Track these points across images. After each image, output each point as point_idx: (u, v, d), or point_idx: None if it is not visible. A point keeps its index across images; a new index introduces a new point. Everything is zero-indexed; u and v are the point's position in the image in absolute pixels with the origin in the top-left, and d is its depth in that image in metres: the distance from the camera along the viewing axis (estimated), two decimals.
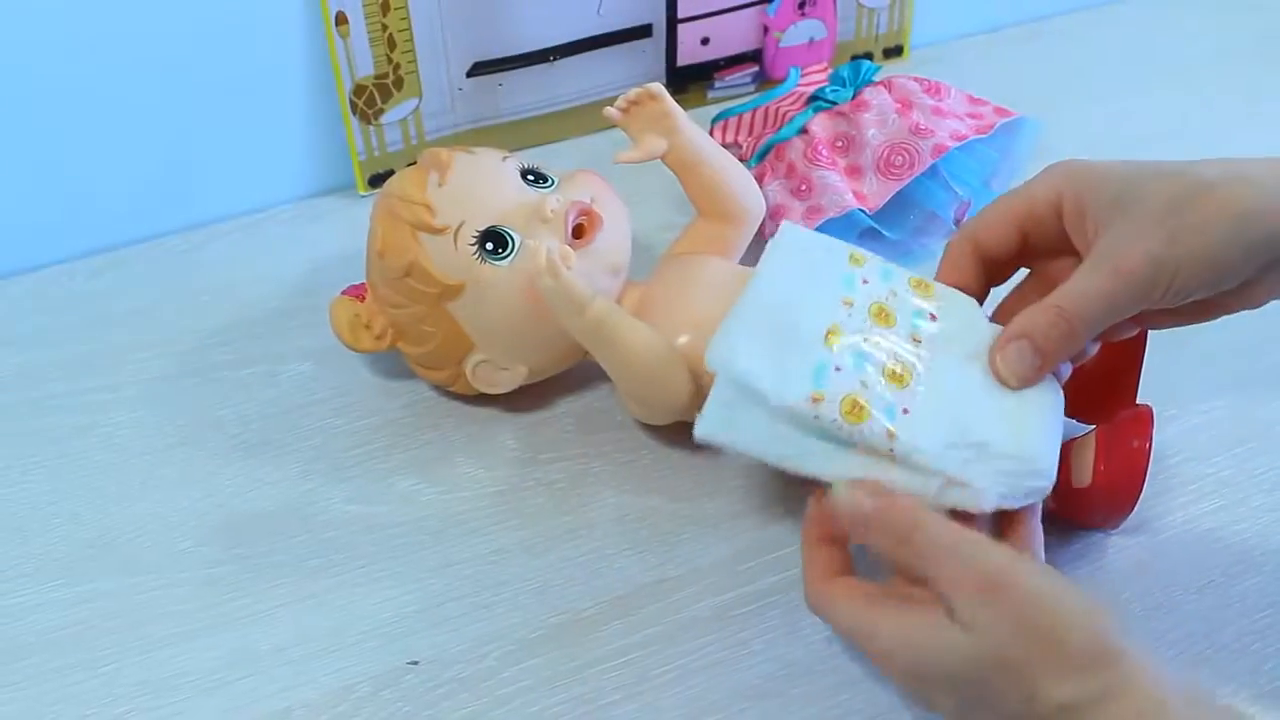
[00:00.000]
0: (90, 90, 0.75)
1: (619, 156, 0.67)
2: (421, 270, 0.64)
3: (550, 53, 0.84)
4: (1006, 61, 0.95)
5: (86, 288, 0.78)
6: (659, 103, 0.67)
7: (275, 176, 0.83)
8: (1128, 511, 0.59)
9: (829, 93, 0.78)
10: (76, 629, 0.60)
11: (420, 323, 0.65)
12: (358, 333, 0.67)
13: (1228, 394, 0.69)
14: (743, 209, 0.69)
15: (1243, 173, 0.52)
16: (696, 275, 0.66)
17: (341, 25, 0.77)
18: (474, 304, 0.64)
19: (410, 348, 0.67)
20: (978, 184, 0.78)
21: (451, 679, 0.58)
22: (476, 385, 0.67)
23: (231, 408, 0.70)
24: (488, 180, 0.65)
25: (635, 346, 0.61)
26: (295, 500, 0.65)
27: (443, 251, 0.63)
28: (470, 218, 0.63)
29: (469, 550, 0.63)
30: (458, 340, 0.65)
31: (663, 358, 0.61)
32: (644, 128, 0.67)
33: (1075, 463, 0.59)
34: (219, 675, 0.58)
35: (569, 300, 0.60)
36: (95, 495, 0.66)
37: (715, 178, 0.68)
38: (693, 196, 0.70)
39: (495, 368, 0.66)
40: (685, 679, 0.58)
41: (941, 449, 0.52)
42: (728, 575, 0.61)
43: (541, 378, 0.68)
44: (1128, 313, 0.53)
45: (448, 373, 0.67)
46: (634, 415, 0.66)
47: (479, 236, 0.63)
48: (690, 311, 0.64)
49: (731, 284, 0.64)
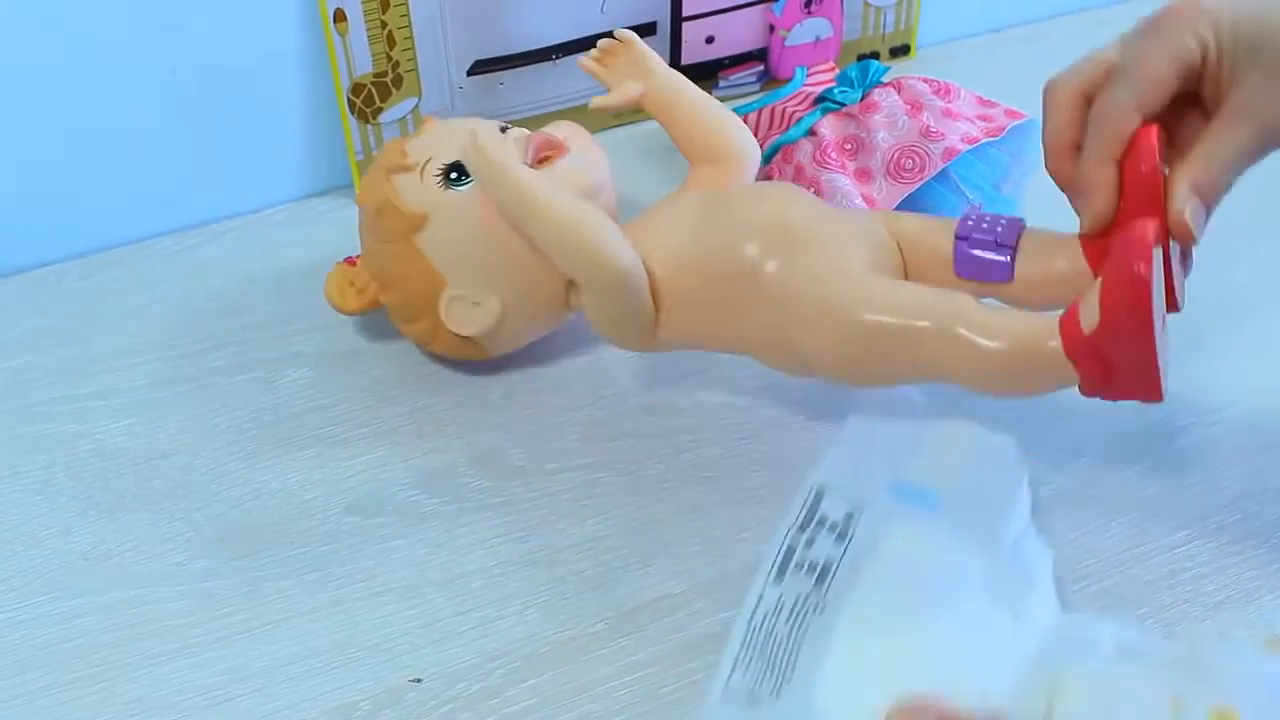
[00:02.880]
0: (82, 87, 0.73)
1: (594, 102, 0.68)
2: (390, 206, 0.65)
3: (553, 51, 0.82)
4: (1013, 61, 0.94)
5: (77, 289, 0.76)
6: (631, 47, 0.67)
7: (271, 176, 0.81)
8: (1150, 352, 0.51)
9: (837, 94, 0.77)
10: (70, 644, 0.58)
11: (394, 263, 0.66)
12: (345, 292, 0.69)
13: (1245, 401, 0.68)
14: (732, 145, 0.68)
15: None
16: (673, 203, 0.65)
17: (340, 22, 0.75)
18: (439, 233, 0.64)
19: (389, 297, 0.67)
20: (988, 188, 0.76)
21: (455, 697, 0.56)
22: (451, 325, 0.66)
23: (227, 415, 0.68)
24: (462, 125, 0.66)
25: (568, 215, 0.60)
26: (293, 511, 0.64)
27: (410, 186, 0.65)
28: (438, 154, 0.65)
29: (473, 563, 0.61)
30: (430, 278, 0.65)
31: (598, 226, 0.60)
32: (621, 77, 0.68)
33: (1085, 312, 0.52)
34: (217, 693, 0.56)
35: (491, 170, 0.60)
36: (87, 506, 0.64)
37: (696, 116, 0.68)
38: (678, 141, 0.69)
39: (468, 303, 0.65)
40: (695, 697, 0.56)
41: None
42: (736, 590, 0.59)
43: (522, 326, 0.67)
44: (1260, 158, 0.54)
45: (425, 322, 0.67)
46: (607, 337, 0.64)
47: (444, 169, 0.64)
48: (662, 232, 0.62)
49: (714, 198, 0.63)
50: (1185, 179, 0.53)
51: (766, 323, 0.59)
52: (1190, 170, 0.53)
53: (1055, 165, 0.58)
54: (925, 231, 0.61)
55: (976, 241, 0.59)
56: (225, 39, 0.75)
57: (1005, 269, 0.59)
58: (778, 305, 0.59)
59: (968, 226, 0.60)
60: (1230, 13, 0.53)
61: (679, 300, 0.61)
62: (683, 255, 0.61)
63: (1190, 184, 0.53)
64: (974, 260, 0.59)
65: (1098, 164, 0.55)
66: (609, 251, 0.60)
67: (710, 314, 0.61)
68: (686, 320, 0.62)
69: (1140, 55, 0.54)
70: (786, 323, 0.59)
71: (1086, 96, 0.56)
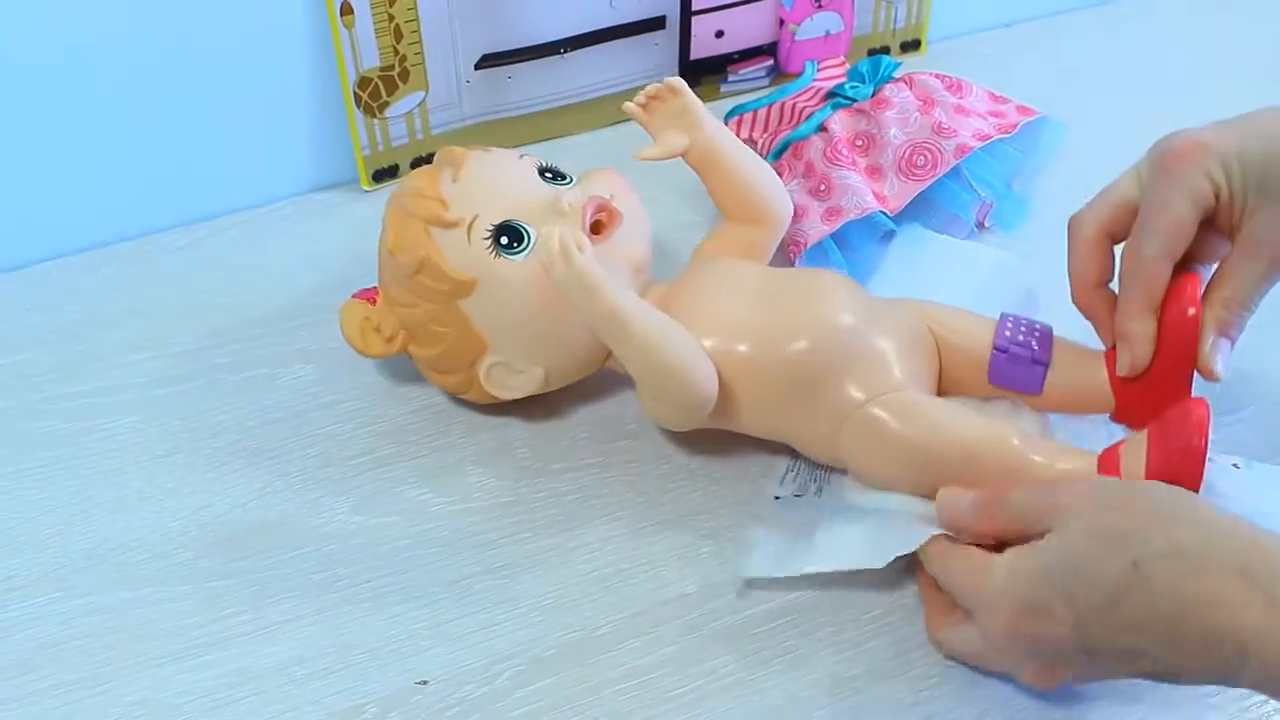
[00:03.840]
0: (86, 81, 0.72)
1: (639, 154, 0.65)
2: (433, 266, 0.61)
3: (561, 45, 0.81)
4: (1025, 56, 0.93)
5: (82, 284, 0.76)
6: (679, 97, 0.65)
7: (276, 171, 0.81)
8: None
9: (848, 89, 0.76)
10: (73, 645, 0.58)
11: (432, 322, 0.63)
12: (368, 336, 0.65)
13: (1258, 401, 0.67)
14: (770, 211, 0.67)
15: None
16: (724, 276, 0.64)
17: (346, 15, 0.74)
18: (488, 301, 0.62)
19: (422, 350, 0.65)
20: (1000, 185, 0.76)
21: (462, 699, 0.56)
22: (490, 389, 0.64)
23: (231, 413, 0.68)
24: (503, 175, 0.63)
25: (654, 336, 0.58)
26: (298, 511, 0.63)
27: (455, 246, 0.61)
28: (484, 211, 0.61)
29: (480, 564, 0.61)
30: (471, 341, 0.63)
31: (685, 349, 0.59)
32: (664, 124, 0.65)
33: (1127, 462, 0.56)
34: (221, 695, 0.56)
35: (582, 286, 0.57)
36: (90, 504, 0.63)
37: (739, 177, 0.66)
38: (716, 197, 0.67)
39: (510, 370, 0.64)
40: (704, 700, 0.56)
41: None
42: (746, 593, 0.60)
43: (559, 385, 0.65)
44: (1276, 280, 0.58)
45: (460, 377, 0.65)
46: (654, 418, 0.63)
47: (493, 230, 0.61)
48: (717, 314, 0.61)
49: (760, 285, 0.63)
50: (1212, 324, 0.57)
51: (820, 433, 0.60)
52: (1215, 313, 0.57)
53: (1083, 300, 0.60)
54: (962, 331, 0.62)
55: (1015, 357, 0.60)
56: (231, 32, 0.74)
57: (1038, 385, 0.60)
58: (836, 422, 0.59)
59: (1005, 338, 0.61)
60: (1236, 149, 0.55)
61: (734, 395, 0.61)
62: (745, 359, 0.60)
63: (1217, 329, 0.57)
64: (1010, 374, 0.61)
65: (1137, 316, 0.57)
66: (693, 380, 0.59)
67: (760, 412, 0.61)
68: (736, 412, 0.62)
69: (1160, 204, 0.56)
70: (839, 438, 0.60)
71: (1109, 234, 0.59)
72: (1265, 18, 0.96)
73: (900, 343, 0.61)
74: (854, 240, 0.73)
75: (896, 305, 0.63)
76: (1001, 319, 0.62)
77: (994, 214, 0.76)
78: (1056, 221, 0.61)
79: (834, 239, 0.72)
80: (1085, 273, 0.59)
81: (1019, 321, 0.61)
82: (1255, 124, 0.57)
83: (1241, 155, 0.55)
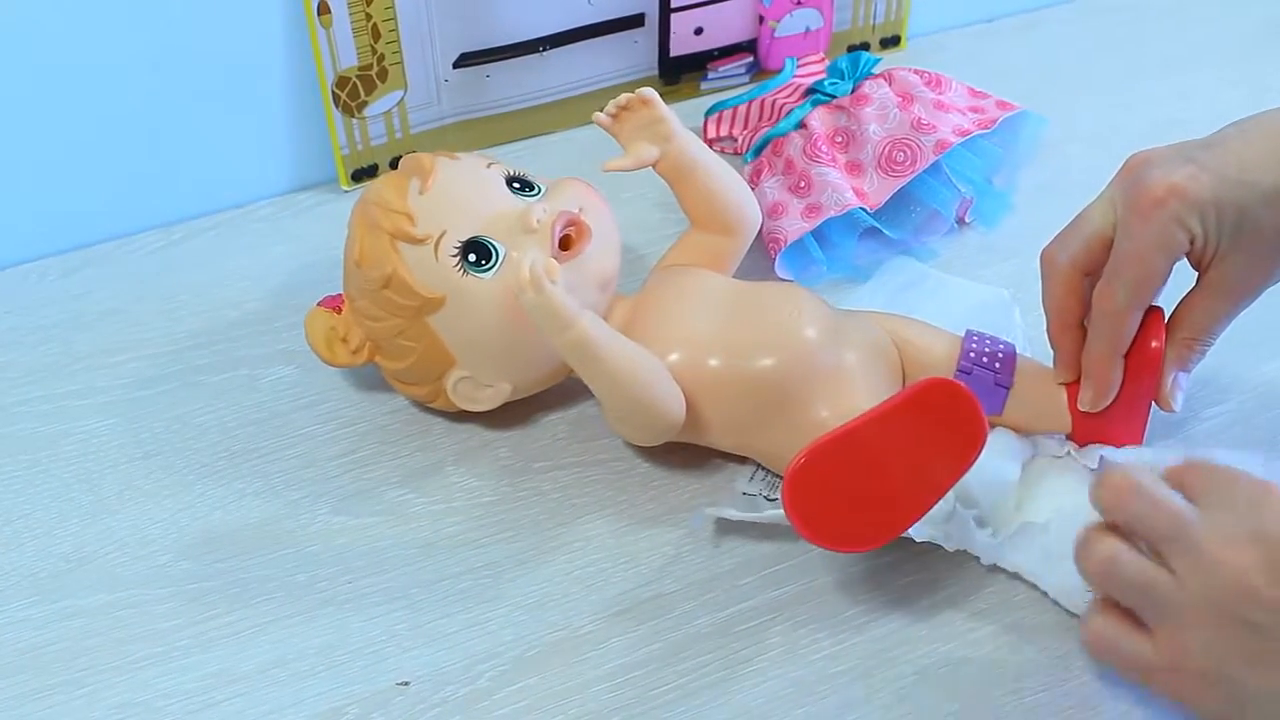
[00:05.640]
0: (62, 81, 0.72)
1: (608, 164, 0.64)
2: (401, 282, 0.61)
3: (540, 43, 0.81)
4: (1005, 51, 0.93)
5: (59, 287, 0.75)
6: (651, 108, 0.64)
7: (255, 171, 0.80)
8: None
9: (828, 86, 0.76)
10: (53, 649, 0.58)
11: (399, 336, 0.63)
12: (334, 347, 0.65)
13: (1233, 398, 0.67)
14: (739, 220, 0.67)
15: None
16: (689, 289, 0.64)
17: (324, 15, 0.74)
18: (455, 317, 0.61)
19: (388, 363, 0.65)
20: (981, 181, 0.76)
21: (444, 700, 0.56)
22: (457, 402, 0.64)
23: (211, 414, 0.67)
24: (471, 187, 0.63)
25: (623, 366, 0.58)
26: (279, 512, 0.63)
27: (423, 262, 0.61)
28: (452, 227, 0.61)
29: (461, 564, 0.61)
30: (438, 355, 0.63)
31: (652, 378, 0.59)
32: (634, 134, 0.65)
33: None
34: (202, 697, 0.56)
35: (553, 317, 0.56)
36: (69, 507, 0.63)
37: (710, 187, 0.66)
38: (686, 206, 0.67)
39: (477, 384, 0.63)
40: (687, 699, 0.56)
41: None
42: (728, 590, 0.60)
43: (526, 395, 0.65)
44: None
45: (427, 389, 0.65)
46: (619, 435, 0.64)
47: (461, 247, 0.61)
48: (683, 327, 0.61)
49: (726, 299, 0.63)
50: (1174, 361, 0.59)
51: (789, 448, 0.58)
52: (1178, 351, 0.59)
53: (1059, 338, 0.61)
54: (925, 347, 0.63)
55: (978, 379, 0.61)
56: (208, 32, 0.74)
57: (999, 407, 0.61)
58: (802, 439, 0.57)
59: (969, 359, 0.61)
60: (1213, 199, 0.55)
61: (700, 411, 0.61)
62: (711, 375, 0.60)
63: (1178, 364, 0.59)
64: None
65: (1106, 361, 0.59)
66: (660, 408, 0.59)
67: (727, 428, 0.62)
68: (702, 428, 0.62)
69: (1135, 257, 0.56)
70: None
71: (1084, 271, 0.59)
72: (1243, 12, 0.96)
73: (864, 356, 0.61)
74: (833, 237, 0.73)
75: (862, 318, 0.63)
76: (966, 336, 0.62)
77: (975, 210, 0.77)
78: (1037, 217, 0.61)
79: (813, 236, 0.72)
80: (1062, 314, 0.60)
81: (983, 340, 0.62)
82: (1230, 158, 0.56)
83: (1218, 204, 0.55)
